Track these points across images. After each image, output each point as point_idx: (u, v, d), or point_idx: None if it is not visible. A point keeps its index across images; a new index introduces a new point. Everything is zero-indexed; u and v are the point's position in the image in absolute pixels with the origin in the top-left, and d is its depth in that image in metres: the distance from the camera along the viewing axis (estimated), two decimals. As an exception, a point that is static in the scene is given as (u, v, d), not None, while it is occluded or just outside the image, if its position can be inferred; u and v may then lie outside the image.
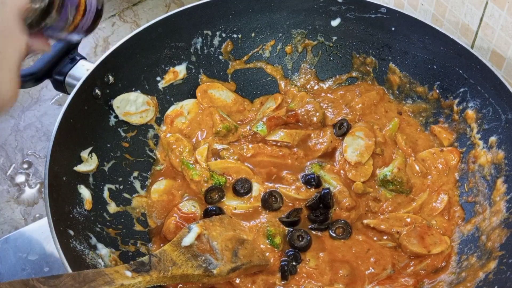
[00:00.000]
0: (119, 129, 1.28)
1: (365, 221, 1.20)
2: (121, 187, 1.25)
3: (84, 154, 1.18)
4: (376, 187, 1.25)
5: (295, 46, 1.43)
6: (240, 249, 1.09)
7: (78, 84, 1.17)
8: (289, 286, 1.12)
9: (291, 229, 1.18)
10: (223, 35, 1.39)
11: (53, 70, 1.26)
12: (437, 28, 1.24)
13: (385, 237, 1.19)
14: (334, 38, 1.41)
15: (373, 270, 1.14)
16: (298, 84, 1.45)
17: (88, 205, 1.14)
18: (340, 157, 1.27)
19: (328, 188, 1.22)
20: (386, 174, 1.23)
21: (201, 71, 1.40)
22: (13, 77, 0.70)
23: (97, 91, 1.22)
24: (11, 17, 0.68)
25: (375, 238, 1.19)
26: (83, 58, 1.28)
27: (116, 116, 1.27)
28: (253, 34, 1.41)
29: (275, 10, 1.39)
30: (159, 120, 1.35)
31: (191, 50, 1.37)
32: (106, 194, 1.20)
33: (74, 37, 1.00)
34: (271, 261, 1.14)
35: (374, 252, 1.16)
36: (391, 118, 1.35)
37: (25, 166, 1.51)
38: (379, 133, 1.30)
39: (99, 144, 1.22)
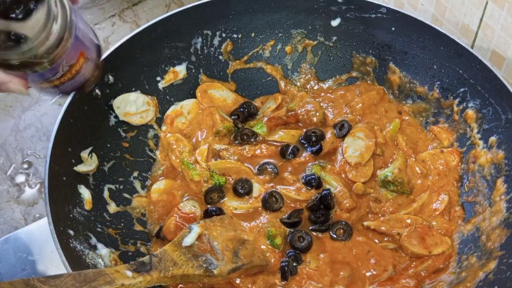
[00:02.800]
0: (119, 129, 1.28)
1: (365, 223, 1.20)
2: (121, 187, 1.25)
3: (84, 154, 1.18)
4: (377, 187, 1.25)
5: (295, 46, 1.43)
6: (241, 249, 1.09)
7: (78, 84, 1.17)
8: (289, 286, 1.12)
9: (292, 230, 1.18)
10: (223, 35, 1.39)
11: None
12: (437, 28, 1.25)
13: (385, 239, 1.19)
14: (334, 38, 1.41)
15: (373, 272, 1.14)
16: (298, 84, 1.45)
17: (88, 205, 1.14)
18: (340, 158, 1.27)
19: (329, 189, 1.22)
20: (387, 175, 1.23)
21: (201, 71, 1.40)
22: None
23: (97, 91, 1.22)
24: None
25: (376, 240, 1.19)
26: (83, 58, 1.28)
27: (116, 116, 1.27)
28: (253, 34, 1.41)
29: (275, 10, 1.39)
30: (159, 120, 1.35)
31: (191, 50, 1.37)
32: (106, 194, 1.20)
33: (52, 93, 0.96)
34: (272, 261, 1.14)
35: (374, 253, 1.16)
36: (391, 118, 1.35)
37: (25, 166, 1.51)
38: (379, 133, 1.30)
39: (99, 144, 1.22)
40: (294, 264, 1.14)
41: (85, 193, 1.15)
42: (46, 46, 0.82)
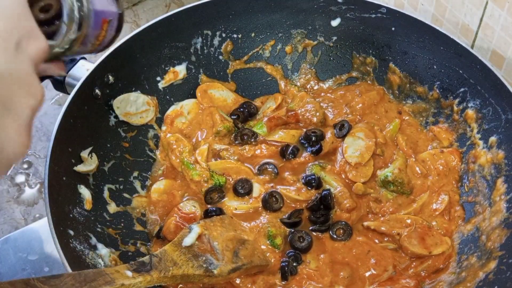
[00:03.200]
0: (119, 129, 1.28)
1: (365, 223, 1.20)
2: (121, 187, 1.25)
3: (84, 154, 1.18)
4: (377, 187, 1.25)
5: (295, 46, 1.43)
6: (241, 250, 1.09)
7: (78, 84, 1.17)
8: (289, 287, 1.12)
9: (292, 230, 1.18)
10: (223, 35, 1.39)
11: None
12: (437, 28, 1.25)
13: (386, 239, 1.18)
14: (334, 38, 1.41)
15: (373, 272, 1.14)
16: (298, 84, 1.45)
17: (88, 205, 1.14)
18: (340, 158, 1.27)
19: (329, 189, 1.22)
20: (387, 175, 1.23)
21: (201, 71, 1.40)
22: (24, 134, 0.54)
23: (97, 91, 1.22)
24: (27, 65, 0.53)
25: (376, 240, 1.19)
26: (83, 58, 1.28)
27: (116, 116, 1.27)
28: (253, 34, 1.41)
29: (275, 10, 1.39)
30: (159, 120, 1.35)
31: (191, 50, 1.37)
32: (106, 194, 1.20)
33: (85, 54, 1.01)
34: (272, 261, 1.14)
35: (374, 254, 1.16)
36: (391, 118, 1.35)
37: (25, 166, 1.51)
38: (379, 133, 1.30)
39: (99, 144, 1.22)
40: (294, 264, 1.14)
41: (85, 193, 1.15)
42: (69, 39, 0.86)
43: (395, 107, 1.38)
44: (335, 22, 1.38)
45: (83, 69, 1.25)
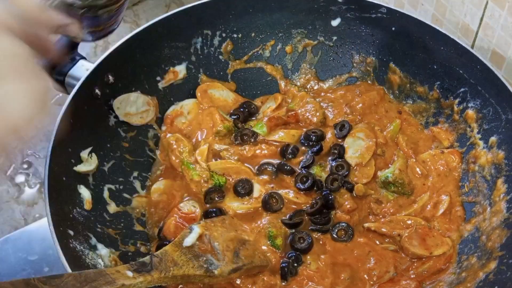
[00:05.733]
0: (119, 129, 1.28)
1: (366, 225, 1.20)
2: (121, 187, 1.25)
3: (84, 154, 1.18)
4: (378, 188, 1.25)
5: (295, 46, 1.43)
6: (242, 250, 1.09)
7: (78, 84, 1.17)
8: (290, 287, 1.12)
9: (293, 231, 1.18)
10: (223, 35, 1.39)
11: (53, 70, 1.26)
12: (437, 28, 1.25)
13: (386, 240, 1.18)
14: (334, 38, 1.41)
15: (374, 273, 1.13)
16: (298, 84, 1.45)
17: (88, 205, 1.14)
18: (341, 158, 1.27)
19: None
20: (387, 176, 1.23)
21: (201, 71, 1.40)
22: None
23: (97, 91, 1.22)
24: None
25: (377, 242, 1.18)
26: (83, 58, 1.28)
27: (116, 116, 1.27)
28: (253, 34, 1.41)
29: (275, 10, 1.39)
30: (160, 120, 1.35)
31: (191, 50, 1.37)
32: (106, 194, 1.20)
33: (88, 39, 1.01)
34: (272, 262, 1.14)
35: (375, 255, 1.16)
36: (392, 118, 1.35)
37: (25, 166, 1.51)
38: (380, 134, 1.30)
39: (99, 144, 1.22)
40: (295, 264, 1.13)
41: (85, 193, 1.15)
42: None
43: (395, 107, 1.38)
44: (335, 22, 1.38)
45: (83, 69, 1.25)
